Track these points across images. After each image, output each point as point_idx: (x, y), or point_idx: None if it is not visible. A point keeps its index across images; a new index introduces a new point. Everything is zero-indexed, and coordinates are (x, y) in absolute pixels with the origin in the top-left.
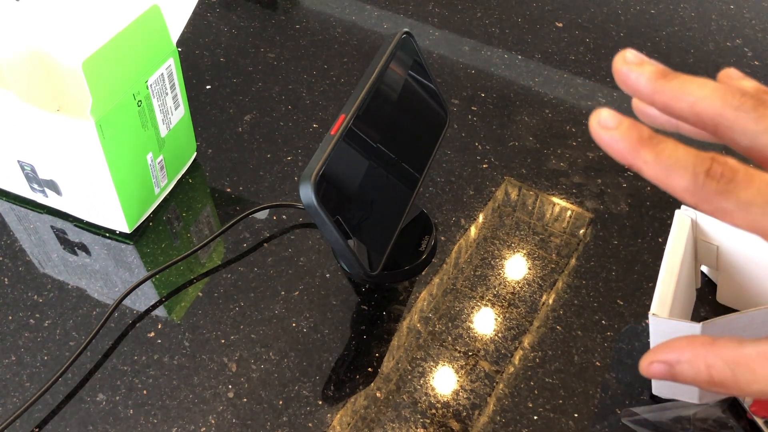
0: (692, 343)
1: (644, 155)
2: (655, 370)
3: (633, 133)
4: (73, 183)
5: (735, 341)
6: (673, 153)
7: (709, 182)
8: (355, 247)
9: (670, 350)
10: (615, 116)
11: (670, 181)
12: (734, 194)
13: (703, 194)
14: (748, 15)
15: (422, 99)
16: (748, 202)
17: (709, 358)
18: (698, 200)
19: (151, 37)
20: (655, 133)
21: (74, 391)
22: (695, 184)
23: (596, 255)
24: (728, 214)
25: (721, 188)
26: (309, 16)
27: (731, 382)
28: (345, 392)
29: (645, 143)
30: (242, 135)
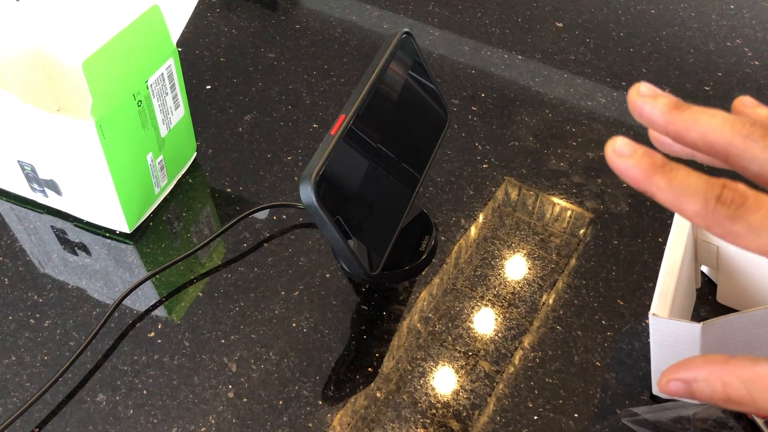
0: (708, 362)
1: (657, 181)
2: (673, 388)
3: (646, 161)
4: (73, 183)
5: (749, 360)
6: (685, 179)
7: (720, 207)
8: (355, 247)
9: (686, 369)
10: (630, 144)
11: (682, 206)
12: (744, 219)
13: (714, 219)
14: (748, 15)
15: (422, 99)
16: (758, 226)
17: (725, 376)
18: (709, 224)
19: (151, 37)
20: (667, 160)
21: (74, 391)
22: (706, 209)
23: (596, 255)
24: (739, 237)
25: (731, 213)
26: (309, 16)
27: (748, 400)
28: (345, 392)
29: (658, 170)
30: (242, 135)
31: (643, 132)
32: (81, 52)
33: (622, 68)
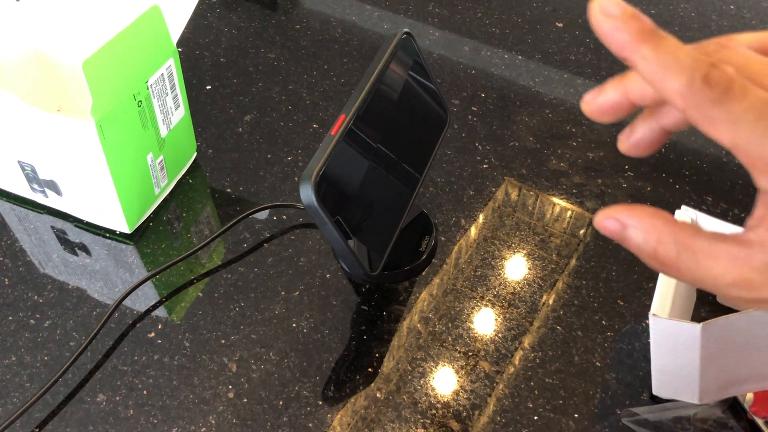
0: (654, 215)
1: (644, 50)
2: (608, 225)
3: (636, 24)
4: (73, 183)
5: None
6: (674, 52)
7: (705, 88)
8: (355, 248)
9: (630, 213)
10: (619, 4)
11: (665, 80)
12: (726, 105)
13: (695, 100)
14: (748, 15)
15: (422, 99)
16: (738, 116)
17: (664, 234)
18: (689, 105)
19: (151, 37)
20: (657, 27)
21: (74, 391)
22: (690, 87)
23: (596, 255)
24: (715, 124)
25: (714, 96)
26: (309, 17)
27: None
28: (345, 392)
29: (647, 37)
30: (242, 135)
31: None
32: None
33: (622, 68)
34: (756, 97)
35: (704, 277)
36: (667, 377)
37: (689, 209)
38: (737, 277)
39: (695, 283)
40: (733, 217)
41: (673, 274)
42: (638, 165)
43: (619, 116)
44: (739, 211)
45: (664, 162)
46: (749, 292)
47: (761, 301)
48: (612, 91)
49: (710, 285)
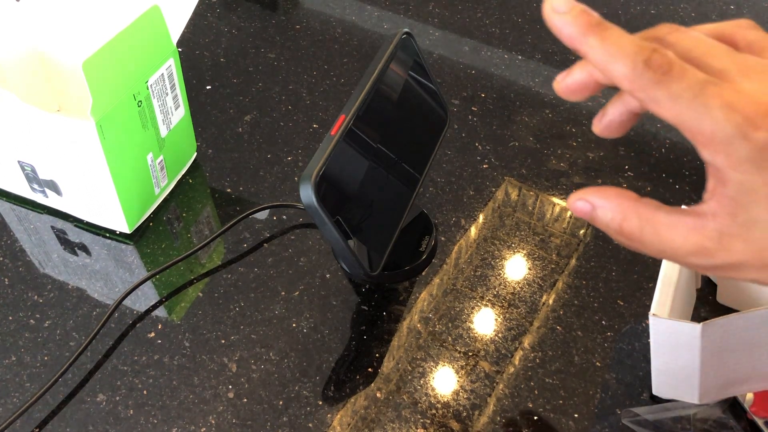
0: (620, 195)
1: (590, 41)
2: (579, 207)
3: (583, 19)
4: (73, 183)
5: (655, 204)
6: (618, 40)
7: (647, 71)
8: (355, 248)
9: (599, 195)
10: (568, 1)
11: (612, 67)
12: (667, 85)
13: (639, 82)
14: (748, 15)
15: (422, 99)
16: (677, 94)
17: (628, 211)
18: (634, 88)
19: (151, 37)
20: (603, 20)
21: (74, 391)
22: (634, 71)
23: (596, 255)
24: (658, 103)
25: (656, 78)
26: (309, 17)
27: (637, 237)
28: (345, 392)
29: (593, 29)
30: (242, 135)
31: (644, 132)
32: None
33: None
34: (694, 77)
35: (665, 248)
36: (667, 377)
37: None
38: (694, 246)
39: (659, 254)
40: None
41: (638, 248)
42: (638, 165)
43: (585, 95)
44: None
45: (664, 162)
46: (706, 260)
47: (717, 268)
48: (579, 71)
49: (671, 255)
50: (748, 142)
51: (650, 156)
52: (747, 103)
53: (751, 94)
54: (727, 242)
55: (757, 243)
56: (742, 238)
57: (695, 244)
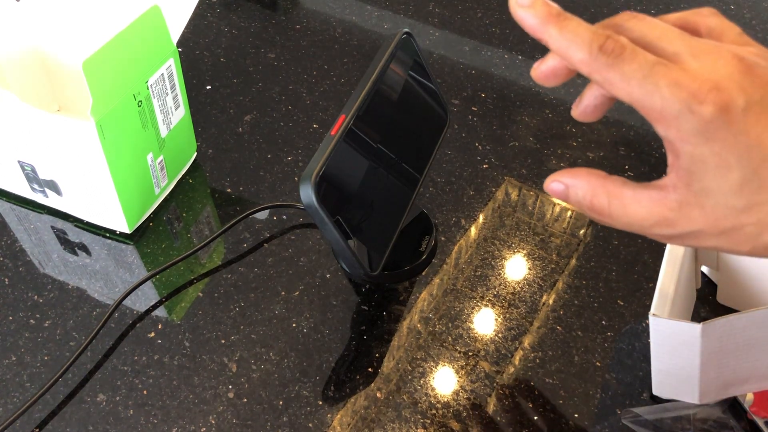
0: (590, 174)
1: (550, 30)
2: (554, 188)
3: (543, 10)
4: (73, 183)
5: (622, 180)
6: (575, 29)
7: (601, 56)
8: (355, 248)
9: (571, 175)
10: None
11: (570, 53)
12: (619, 67)
13: (595, 66)
14: (748, 15)
15: (422, 99)
16: (629, 75)
17: (597, 188)
18: (591, 71)
19: (151, 37)
20: (563, 11)
21: (74, 391)
22: (590, 56)
23: (596, 255)
24: (612, 84)
25: (610, 61)
26: (309, 17)
27: (606, 212)
28: (345, 392)
29: (552, 19)
30: (242, 135)
31: (644, 132)
32: (81, 52)
33: None
34: (644, 59)
35: (632, 221)
36: (667, 377)
37: None
38: (657, 217)
39: (626, 226)
40: None
41: (608, 222)
42: (638, 165)
43: (559, 80)
44: None
45: (664, 162)
46: (669, 229)
47: (679, 237)
48: (552, 59)
49: (638, 227)
50: (695, 116)
51: (650, 156)
52: (693, 81)
53: (698, 73)
54: (686, 211)
55: (712, 211)
56: (698, 206)
57: (658, 215)
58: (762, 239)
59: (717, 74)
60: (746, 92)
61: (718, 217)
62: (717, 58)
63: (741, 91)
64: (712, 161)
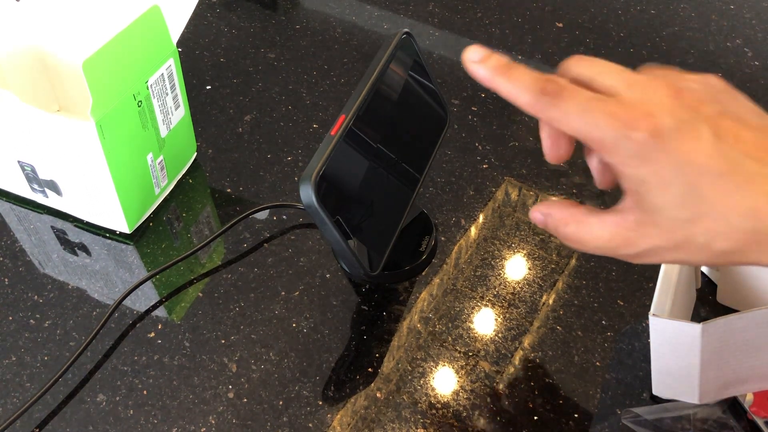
0: (563, 205)
1: (499, 80)
2: (536, 218)
3: (492, 64)
4: (73, 183)
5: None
6: (519, 77)
7: (543, 97)
8: (356, 248)
9: (548, 207)
10: (479, 51)
11: (518, 98)
12: (559, 106)
13: (539, 107)
14: (748, 15)
15: (422, 99)
16: (568, 111)
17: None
18: (536, 111)
19: (151, 37)
20: (510, 62)
21: (74, 391)
22: (533, 98)
23: (596, 255)
24: (557, 121)
25: (551, 101)
26: (309, 17)
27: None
28: (345, 392)
29: (500, 71)
30: (242, 135)
31: None
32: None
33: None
34: (581, 96)
35: (599, 245)
36: (667, 377)
37: None
38: (620, 238)
39: (597, 250)
40: None
41: (581, 247)
42: None
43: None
44: None
45: None
46: (632, 248)
47: (641, 255)
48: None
49: (605, 249)
50: (630, 142)
51: None
52: (626, 111)
53: (631, 103)
54: (643, 230)
55: (664, 226)
56: (652, 224)
57: (620, 236)
58: (714, 247)
59: (649, 102)
60: (675, 114)
61: (671, 231)
62: (649, 87)
63: (670, 114)
64: (653, 180)
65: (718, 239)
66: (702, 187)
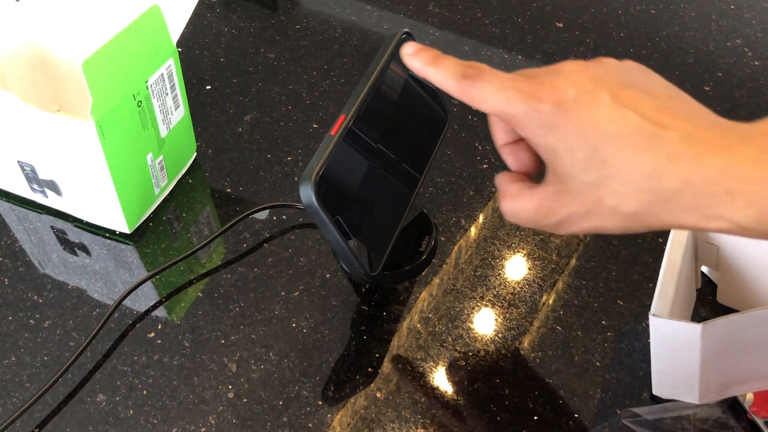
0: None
1: (429, 70)
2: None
3: (424, 56)
4: (73, 183)
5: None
6: (447, 66)
7: (464, 81)
8: (355, 248)
9: (496, 178)
10: (413, 46)
11: (445, 83)
12: (478, 87)
13: (462, 89)
14: (748, 15)
15: (422, 99)
16: (486, 91)
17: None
18: (461, 95)
19: (151, 37)
20: (439, 54)
21: (74, 391)
22: (457, 83)
23: (596, 255)
24: (477, 100)
25: (471, 84)
26: (309, 17)
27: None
28: (345, 392)
29: (430, 61)
30: (242, 135)
31: None
32: (81, 52)
33: None
34: (497, 78)
35: (528, 216)
36: (667, 377)
37: None
38: (544, 209)
39: (526, 223)
40: None
41: (516, 221)
42: None
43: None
44: None
45: None
46: (554, 217)
47: (563, 223)
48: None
49: (534, 222)
50: (538, 113)
51: None
52: (534, 86)
53: (540, 82)
54: (560, 198)
55: (576, 191)
56: (566, 191)
57: (544, 207)
58: (624, 209)
59: (556, 78)
60: (578, 86)
61: (582, 196)
62: (562, 67)
63: (573, 86)
64: (560, 147)
65: (625, 201)
66: (604, 149)
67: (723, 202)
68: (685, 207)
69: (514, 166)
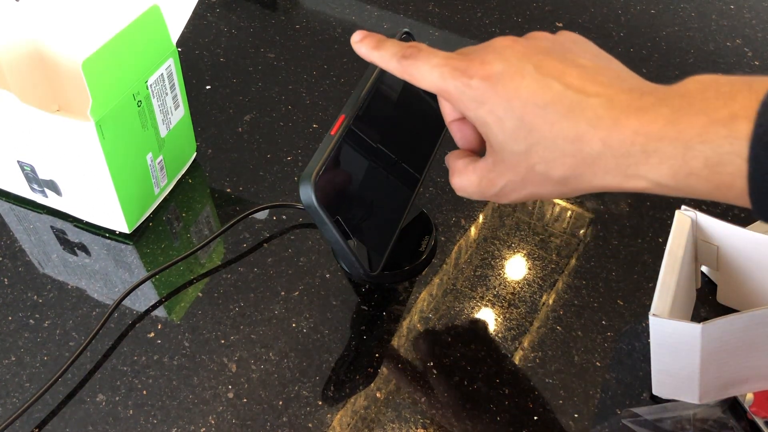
0: (450, 156)
1: (373, 54)
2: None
3: (369, 42)
4: (72, 183)
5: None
6: (389, 48)
7: (404, 60)
8: (355, 248)
9: (447, 156)
10: (360, 33)
11: (388, 64)
12: (416, 65)
13: (402, 68)
14: (748, 15)
15: (422, 99)
16: (422, 69)
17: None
18: (402, 73)
19: (151, 37)
20: (383, 39)
21: (74, 391)
22: (398, 63)
23: (596, 255)
24: (415, 78)
25: (411, 63)
26: (309, 16)
27: (459, 186)
28: (345, 392)
29: (374, 46)
30: (242, 135)
31: None
32: (81, 52)
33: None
34: (434, 56)
35: (473, 190)
36: (667, 377)
37: (689, 209)
38: (486, 181)
39: (473, 195)
40: (733, 217)
41: (464, 194)
42: None
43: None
44: (738, 210)
45: None
46: (494, 187)
47: (501, 193)
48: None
49: (478, 194)
50: (468, 88)
51: None
52: (466, 63)
53: (471, 59)
54: (498, 168)
55: (510, 161)
56: (501, 161)
57: (486, 179)
58: (553, 174)
59: (487, 54)
60: (505, 60)
61: (515, 164)
62: (494, 44)
63: (501, 60)
64: (490, 119)
65: (553, 166)
66: (529, 118)
67: (639, 161)
68: (608, 169)
69: (461, 142)
